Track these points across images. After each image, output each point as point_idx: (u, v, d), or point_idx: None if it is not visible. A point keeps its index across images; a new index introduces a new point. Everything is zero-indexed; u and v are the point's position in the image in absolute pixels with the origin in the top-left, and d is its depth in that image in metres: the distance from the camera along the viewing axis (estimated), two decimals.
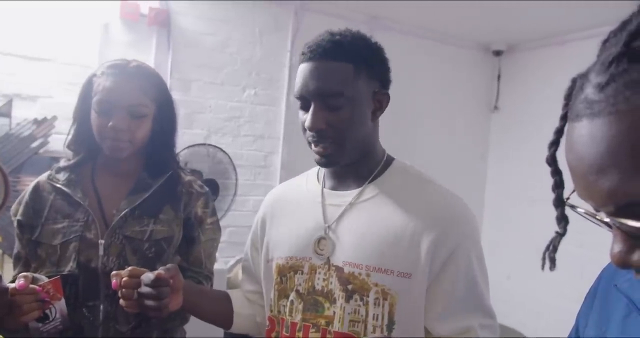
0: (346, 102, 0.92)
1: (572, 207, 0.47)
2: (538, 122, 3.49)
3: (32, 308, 0.96)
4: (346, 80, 0.91)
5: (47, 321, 0.99)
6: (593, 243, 2.35)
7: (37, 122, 2.50)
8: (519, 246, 3.60)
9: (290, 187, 1.15)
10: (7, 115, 2.47)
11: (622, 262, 0.43)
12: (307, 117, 0.93)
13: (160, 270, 0.94)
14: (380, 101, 0.98)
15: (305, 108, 0.96)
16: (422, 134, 3.65)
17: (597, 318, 0.64)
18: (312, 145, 0.96)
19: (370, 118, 0.97)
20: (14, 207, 1.21)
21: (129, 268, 0.95)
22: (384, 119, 1.02)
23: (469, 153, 3.96)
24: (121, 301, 0.94)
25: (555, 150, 0.49)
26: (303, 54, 0.95)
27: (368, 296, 0.92)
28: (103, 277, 1.10)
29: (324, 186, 1.05)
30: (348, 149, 0.95)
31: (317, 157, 0.97)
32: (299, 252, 1.01)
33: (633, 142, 0.38)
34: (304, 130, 0.96)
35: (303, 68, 0.94)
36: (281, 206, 1.10)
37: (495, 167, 3.98)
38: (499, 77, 3.93)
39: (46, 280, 1.01)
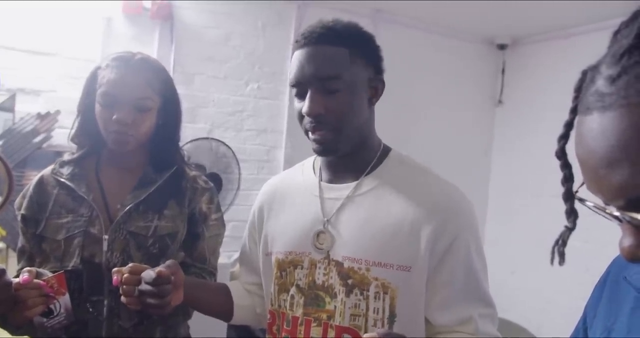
0: (343, 85, 0.92)
1: (581, 200, 0.47)
2: (542, 116, 3.48)
3: (36, 303, 0.95)
4: (342, 63, 0.91)
5: (51, 316, 0.99)
6: (598, 239, 2.34)
7: (41, 117, 2.50)
8: (523, 241, 3.59)
9: (286, 179, 1.14)
10: (11, 109, 2.47)
11: (632, 256, 0.43)
12: (303, 104, 0.93)
13: (161, 268, 0.93)
14: (376, 88, 0.98)
15: (301, 95, 0.95)
16: (425, 127, 3.64)
17: (605, 309, 0.64)
18: (310, 132, 0.95)
19: (367, 105, 0.97)
20: (17, 200, 1.20)
21: (130, 265, 0.95)
22: (387, 112, 1.02)
23: (473, 147, 3.94)
24: (122, 298, 0.94)
25: (565, 143, 0.49)
26: (297, 41, 0.95)
27: (368, 290, 0.93)
28: (107, 273, 1.09)
29: (320, 179, 1.04)
30: (346, 136, 0.94)
31: (315, 145, 0.96)
32: (298, 246, 1.01)
33: None
34: (301, 118, 0.96)
35: (298, 54, 0.94)
36: (278, 198, 1.10)
37: (499, 161, 3.97)
38: (503, 70, 3.90)
39: (50, 275, 1.00)
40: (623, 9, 0.45)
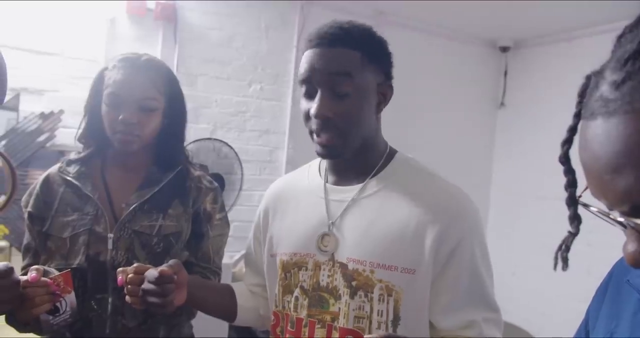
0: (354, 90, 0.91)
1: (585, 205, 0.47)
2: (544, 119, 3.48)
3: (43, 301, 0.96)
4: (354, 67, 0.90)
5: (57, 314, 1.00)
6: (600, 242, 2.34)
7: (44, 116, 2.51)
8: (524, 243, 3.59)
9: (292, 181, 1.14)
10: (14, 109, 2.47)
11: (636, 262, 0.43)
12: (312, 105, 0.91)
13: (164, 267, 0.93)
14: (385, 94, 0.97)
15: (309, 95, 0.94)
16: (427, 130, 3.64)
17: (607, 313, 0.64)
18: (315, 135, 0.94)
19: (375, 110, 0.96)
20: (24, 198, 1.21)
21: (135, 265, 0.95)
22: (389, 115, 1.01)
23: (475, 149, 3.94)
24: (127, 297, 0.95)
25: (569, 148, 0.49)
26: (310, 40, 0.93)
27: (372, 292, 0.93)
28: (111, 271, 1.10)
29: (326, 181, 1.04)
30: (351, 141, 0.94)
31: (318, 147, 0.95)
32: (302, 248, 1.01)
33: None
34: (307, 118, 0.94)
35: (310, 54, 0.92)
36: (284, 200, 1.10)
37: (501, 163, 3.97)
38: (505, 73, 3.91)
39: (56, 273, 1.01)
40: (627, 12, 0.45)
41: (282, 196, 1.11)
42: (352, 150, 0.96)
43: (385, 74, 0.97)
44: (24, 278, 0.95)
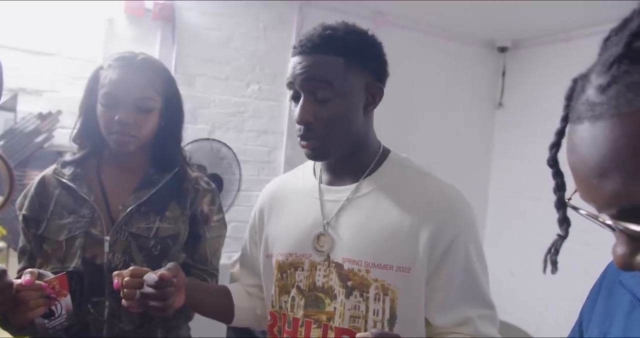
0: (335, 95, 0.92)
1: (575, 208, 0.47)
2: (543, 119, 3.47)
3: (37, 304, 0.95)
4: (335, 73, 0.92)
5: (52, 317, 0.99)
6: (597, 242, 2.34)
7: (42, 117, 2.51)
8: (523, 243, 3.59)
9: (287, 181, 1.15)
10: (12, 109, 2.47)
11: (625, 265, 0.43)
12: (296, 110, 0.95)
13: (164, 271, 0.93)
14: (374, 95, 0.97)
15: (295, 99, 0.97)
16: (426, 130, 3.64)
17: (601, 313, 0.64)
18: (300, 139, 0.96)
19: (362, 112, 0.97)
20: (19, 201, 1.20)
21: (131, 268, 0.95)
22: (388, 115, 1.01)
23: (473, 149, 3.95)
24: (123, 301, 0.94)
25: (557, 151, 0.49)
26: (294, 47, 0.96)
27: (368, 292, 0.93)
28: (108, 274, 1.09)
29: (320, 181, 1.05)
30: (335, 144, 0.95)
31: (304, 150, 0.97)
32: (298, 248, 1.01)
33: (636, 145, 0.38)
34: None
35: (293, 61, 0.96)
36: (279, 201, 1.10)
37: (500, 163, 3.97)
38: (503, 73, 3.91)
39: (51, 276, 1.00)
40: (624, 12, 0.45)
41: (277, 197, 1.12)
42: (339, 151, 0.97)
43: (375, 76, 0.97)
44: (18, 281, 0.94)
